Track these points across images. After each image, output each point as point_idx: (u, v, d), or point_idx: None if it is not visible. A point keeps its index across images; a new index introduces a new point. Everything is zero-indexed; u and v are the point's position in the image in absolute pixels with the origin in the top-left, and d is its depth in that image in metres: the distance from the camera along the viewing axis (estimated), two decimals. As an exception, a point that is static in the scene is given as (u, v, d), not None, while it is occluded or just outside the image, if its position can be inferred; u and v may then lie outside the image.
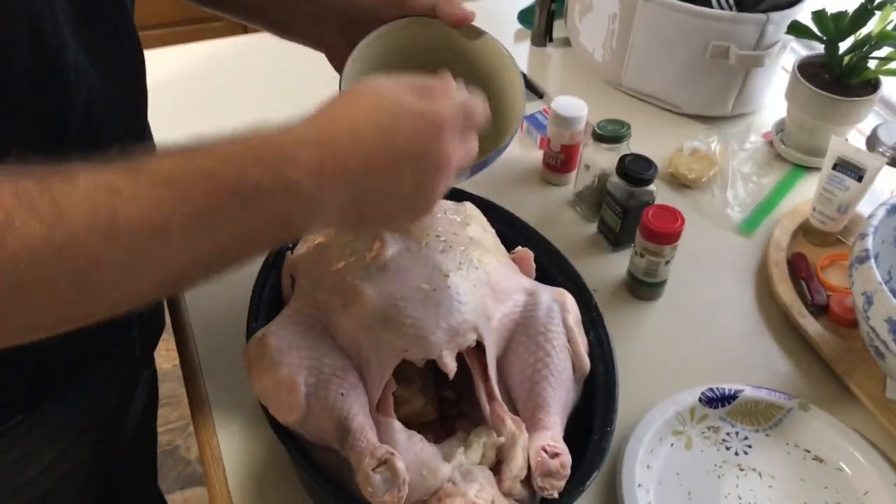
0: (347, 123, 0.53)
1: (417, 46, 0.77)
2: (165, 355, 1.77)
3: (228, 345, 0.83)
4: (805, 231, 1.03)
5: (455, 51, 0.78)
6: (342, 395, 0.66)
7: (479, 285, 0.71)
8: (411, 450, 0.65)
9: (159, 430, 1.39)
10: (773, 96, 1.24)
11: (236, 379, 0.73)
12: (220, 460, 0.78)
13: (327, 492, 0.65)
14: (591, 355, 0.74)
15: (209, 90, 1.25)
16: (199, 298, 0.92)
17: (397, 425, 0.67)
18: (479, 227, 0.78)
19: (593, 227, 1.04)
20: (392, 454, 0.61)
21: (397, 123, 0.54)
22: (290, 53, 0.88)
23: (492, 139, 0.76)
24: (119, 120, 0.71)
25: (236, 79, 1.28)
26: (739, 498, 0.77)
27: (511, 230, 0.86)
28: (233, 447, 0.79)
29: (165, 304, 0.94)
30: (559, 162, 1.08)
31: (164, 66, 1.27)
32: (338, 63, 0.78)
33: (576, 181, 1.06)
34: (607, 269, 0.99)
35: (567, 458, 0.64)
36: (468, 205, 0.81)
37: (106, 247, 0.45)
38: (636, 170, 0.94)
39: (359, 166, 0.53)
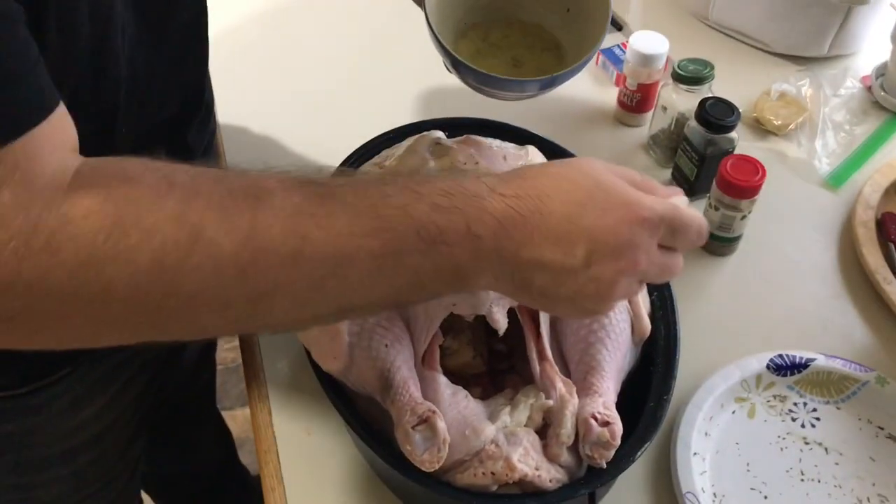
0: (540, 187, 0.49)
1: None
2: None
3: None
4: (899, 189, 0.95)
5: None
6: (386, 346, 0.63)
7: (536, 238, 0.67)
8: (455, 407, 0.63)
9: (223, 347, 1.40)
10: (876, 37, 1.13)
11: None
12: (266, 399, 0.77)
13: (367, 443, 0.63)
14: (652, 317, 0.70)
15: (277, 41, 1.20)
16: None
17: (442, 380, 0.64)
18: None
19: (667, 174, 0.98)
20: (433, 412, 0.59)
21: (590, 203, 0.48)
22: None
23: (568, 54, 0.71)
24: (172, 83, 0.69)
25: (310, 24, 1.22)
26: (802, 473, 0.73)
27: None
28: (280, 386, 0.78)
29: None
30: (635, 102, 1.01)
31: (226, 10, 1.20)
32: None
33: (651, 123, 1.00)
34: (678, 219, 0.93)
35: (618, 427, 0.61)
36: (531, 149, 0.76)
37: (287, 272, 0.43)
38: (717, 115, 0.87)
39: (533, 232, 0.48)
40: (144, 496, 1.19)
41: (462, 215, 0.47)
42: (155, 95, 0.66)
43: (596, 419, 0.61)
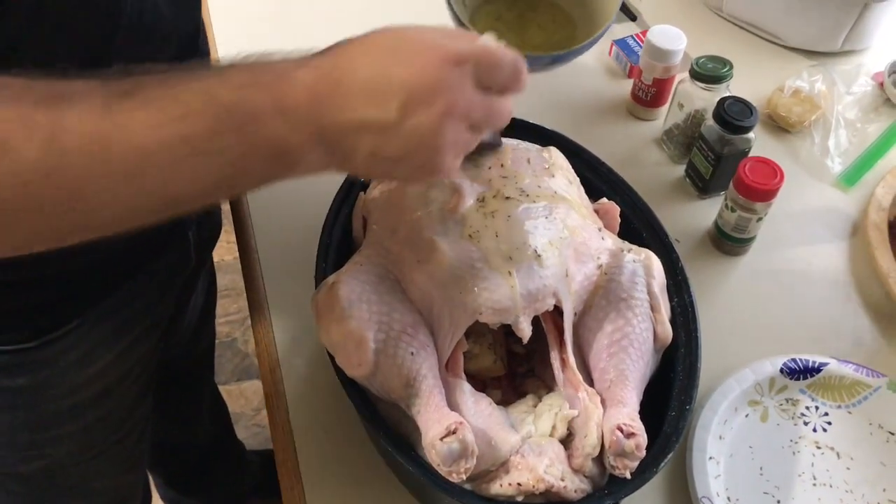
0: (348, 53, 0.49)
1: None
2: (227, 247, 1.77)
3: (295, 275, 0.81)
4: (911, 190, 0.95)
5: None
6: (412, 353, 0.63)
7: (562, 247, 0.67)
8: (480, 415, 0.63)
9: (218, 321, 1.40)
10: (889, 33, 1.13)
11: (301, 311, 0.71)
12: (283, 396, 0.77)
13: (392, 450, 0.63)
14: (673, 323, 0.70)
15: (286, 25, 1.18)
16: (267, 225, 0.89)
17: (466, 387, 0.65)
18: (564, 179, 0.73)
19: (680, 170, 0.98)
20: (461, 424, 0.59)
21: (395, 54, 0.49)
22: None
23: (582, 29, 0.71)
24: (171, 30, 0.67)
25: (322, 6, 1.20)
26: (814, 478, 0.74)
27: (596, 177, 0.81)
28: (296, 383, 0.78)
29: (233, 225, 0.92)
30: (649, 96, 1.01)
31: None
32: None
33: (666, 118, 0.99)
34: (692, 217, 0.93)
35: (643, 439, 0.61)
36: (554, 151, 0.76)
37: (98, 171, 0.45)
38: (735, 116, 0.87)
39: (347, 94, 0.48)
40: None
41: (270, 91, 0.47)
42: (156, 35, 0.66)
43: (622, 430, 0.61)
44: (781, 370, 0.79)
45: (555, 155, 0.75)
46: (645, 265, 0.70)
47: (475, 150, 0.55)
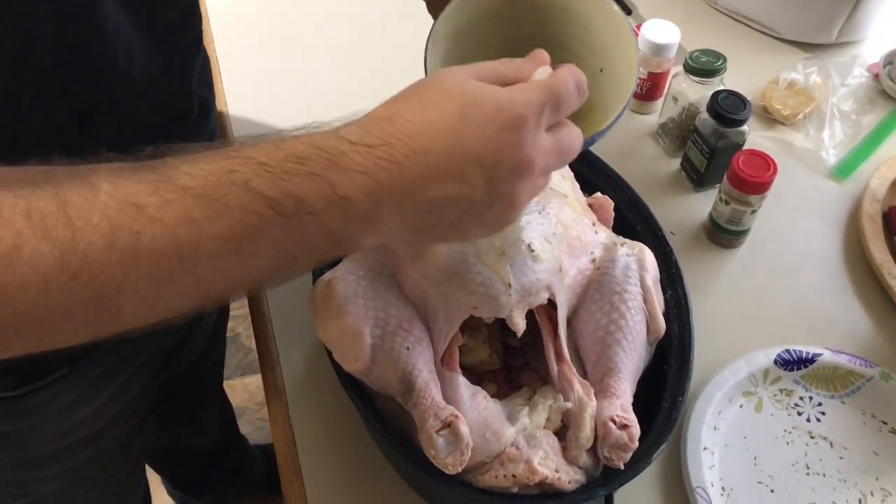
0: (408, 126, 0.45)
1: (520, 5, 0.67)
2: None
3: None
4: (905, 182, 0.96)
5: (564, 10, 0.67)
6: (407, 348, 0.64)
7: (556, 241, 0.67)
8: (475, 409, 0.64)
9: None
10: (884, 24, 1.13)
11: (300, 308, 0.72)
12: (283, 392, 0.78)
13: (389, 443, 0.64)
14: (666, 316, 0.71)
15: (286, 29, 1.18)
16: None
17: (462, 380, 0.65)
18: (557, 174, 0.74)
19: (675, 163, 0.98)
20: (456, 417, 0.60)
21: (465, 126, 0.45)
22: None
23: (598, 111, 0.68)
24: (163, 88, 0.66)
25: (320, 12, 1.21)
26: (808, 467, 0.75)
27: (589, 170, 0.81)
28: (295, 379, 0.79)
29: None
30: (644, 90, 1.01)
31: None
32: (434, 11, 0.69)
33: (661, 111, 1.00)
34: (687, 210, 0.94)
35: (636, 430, 0.62)
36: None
37: (126, 271, 0.40)
38: (729, 109, 0.88)
39: (418, 177, 0.45)
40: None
41: (322, 180, 0.43)
42: (148, 96, 0.65)
43: (615, 422, 0.62)
44: (775, 361, 0.80)
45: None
46: (638, 259, 0.71)
47: None
